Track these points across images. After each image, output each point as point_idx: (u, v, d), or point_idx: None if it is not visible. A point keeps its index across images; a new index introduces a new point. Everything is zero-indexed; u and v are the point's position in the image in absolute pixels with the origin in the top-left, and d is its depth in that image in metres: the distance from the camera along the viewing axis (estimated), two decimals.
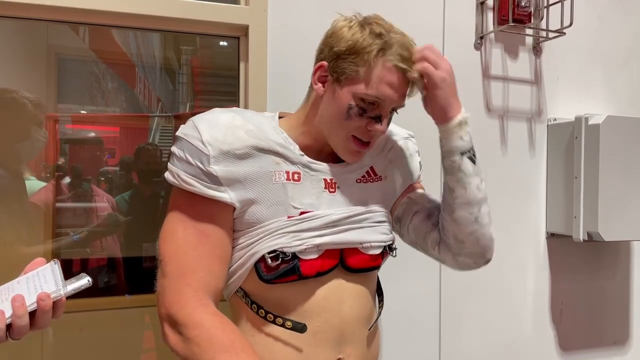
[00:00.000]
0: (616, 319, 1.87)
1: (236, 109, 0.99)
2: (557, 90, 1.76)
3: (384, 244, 1.00)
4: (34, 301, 0.71)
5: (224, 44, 1.95)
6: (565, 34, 1.64)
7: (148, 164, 1.89)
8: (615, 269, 1.86)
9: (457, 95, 0.95)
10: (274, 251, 0.90)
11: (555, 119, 1.74)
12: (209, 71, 2.42)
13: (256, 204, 0.90)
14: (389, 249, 1.02)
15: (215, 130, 0.88)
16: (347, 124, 0.91)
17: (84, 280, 0.76)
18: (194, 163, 0.87)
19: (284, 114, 1.03)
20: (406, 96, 0.95)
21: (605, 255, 1.84)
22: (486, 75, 1.67)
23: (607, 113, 1.68)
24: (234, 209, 0.90)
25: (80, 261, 1.72)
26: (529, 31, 1.69)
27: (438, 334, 1.60)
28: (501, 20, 1.63)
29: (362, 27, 0.90)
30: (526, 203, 1.73)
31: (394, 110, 0.96)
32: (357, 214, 0.97)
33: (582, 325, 1.81)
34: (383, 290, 1.10)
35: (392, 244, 1.03)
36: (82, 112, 1.90)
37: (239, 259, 0.92)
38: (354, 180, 1.00)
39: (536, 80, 1.74)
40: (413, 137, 1.12)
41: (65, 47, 1.78)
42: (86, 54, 1.84)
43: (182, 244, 0.88)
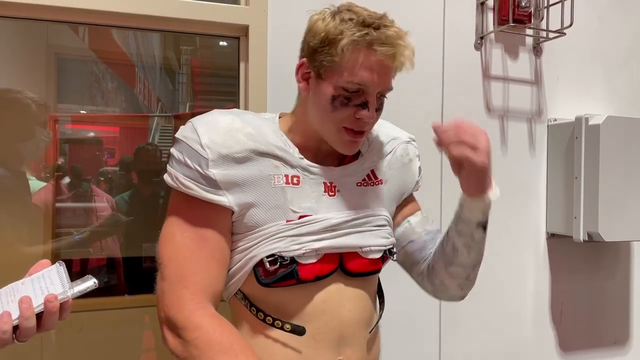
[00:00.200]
0: (616, 319, 1.87)
1: (236, 110, 0.98)
2: (557, 90, 1.76)
3: (384, 248, 0.99)
4: (41, 303, 0.71)
5: (224, 44, 1.95)
6: (565, 34, 1.63)
7: (148, 164, 1.89)
8: (615, 270, 1.86)
9: (491, 170, 0.93)
10: (272, 255, 0.89)
11: (556, 119, 1.73)
12: (209, 71, 2.42)
13: (255, 208, 0.90)
14: (389, 253, 1.01)
15: (214, 133, 0.88)
16: (335, 115, 0.89)
17: (90, 282, 0.75)
18: (192, 166, 0.87)
19: (285, 115, 1.03)
20: (391, 77, 0.91)
21: (606, 255, 1.84)
22: (486, 75, 1.67)
23: (608, 113, 1.68)
24: (233, 212, 0.89)
25: (80, 261, 1.72)
26: (529, 31, 1.69)
27: (438, 335, 1.60)
28: (501, 20, 1.63)
29: (333, 17, 0.88)
30: (526, 203, 1.73)
31: (383, 95, 0.93)
32: (357, 217, 0.96)
33: (582, 325, 1.81)
34: (384, 291, 1.09)
35: (393, 247, 1.02)
36: (81, 112, 1.90)
37: (237, 262, 0.92)
38: (354, 183, 0.99)
39: (536, 81, 1.74)
40: (414, 141, 1.11)
41: (65, 47, 1.78)
42: (86, 54, 1.84)
43: (180, 248, 0.87)
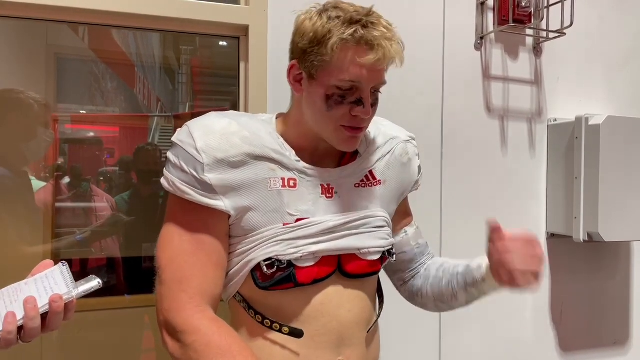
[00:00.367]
0: (616, 319, 1.86)
1: (232, 113, 0.98)
2: (557, 90, 1.76)
3: (382, 249, 0.98)
4: (46, 303, 0.70)
5: (224, 44, 1.94)
6: (565, 34, 1.63)
7: (147, 164, 1.89)
8: (616, 270, 1.86)
9: None
10: (269, 259, 0.89)
11: (556, 119, 1.73)
12: (209, 71, 2.42)
13: (252, 212, 0.89)
14: (388, 254, 1.01)
15: (210, 137, 0.87)
16: (331, 115, 0.89)
17: (95, 282, 0.75)
18: (188, 171, 0.87)
19: (281, 115, 1.02)
20: (383, 72, 0.90)
21: (606, 255, 1.84)
22: (486, 75, 1.67)
23: (608, 113, 1.68)
24: (230, 216, 0.89)
25: (79, 261, 1.72)
26: (529, 31, 1.69)
27: (438, 334, 1.60)
28: (501, 20, 1.63)
29: (320, 16, 0.87)
30: (526, 203, 1.73)
31: (377, 90, 0.92)
32: (355, 219, 0.95)
33: (582, 325, 1.81)
34: (383, 290, 1.09)
35: (392, 248, 1.02)
36: (81, 112, 1.90)
37: (236, 264, 0.92)
38: (352, 184, 0.98)
39: (536, 81, 1.74)
40: (414, 140, 1.10)
41: (65, 47, 1.78)
42: (86, 53, 1.84)
43: (178, 252, 0.87)
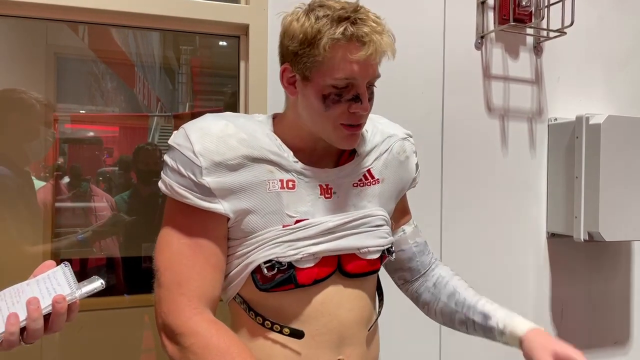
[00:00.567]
0: (617, 319, 1.86)
1: (229, 114, 0.97)
2: (557, 90, 1.76)
3: (382, 248, 0.98)
4: (49, 304, 0.70)
5: (224, 44, 1.94)
6: (566, 33, 1.63)
7: (147, 164, 1.88)
8: (616, 269, 1.86)
9: None
10: (269, 261, 0.89)
11: (556, 119, 1.73)
12: (209, 71, 2.42)
13: (251, 214, 0.89)
14: (388, 252, 1.01)
15: (207, 140, 0.87)
16: (329, 114, 0.88)
17: (98, 283, 0.74)
18: (186, 175, 0.86)
19: (278, 115, 1.01)
20: (377, 66, 0.90)
21: (606, 255, 1.84)
22: (487, 75, 1.66)
23: (608, 113, 1.68)
24: (228, 219, 0.89)
25: (79, 261, 1.71)
26: (529, 31, 1.69)
27: (438, 334, 1.60)
28: (502, 19, 1.62)
29: (307, 16, 0.86)
30: (527, 203, 1.72)
31: (372, 85, 0.92)
32: (354, 219, 0.95)
33: (582, 325, 1.80)
34: (383, 289, 1.09)
35: (391, 246, 1.02)
36: (81, 111, 1.90)
37: (235, 267, 0.92)
38: (350, 184, 0.98)
39: (537, 80, 1.74)
40: (411, 137, 1.10)
41: (65, 47, 1.78)
42: (85, 53, 1.84)
43: (176, 255, 0.87)
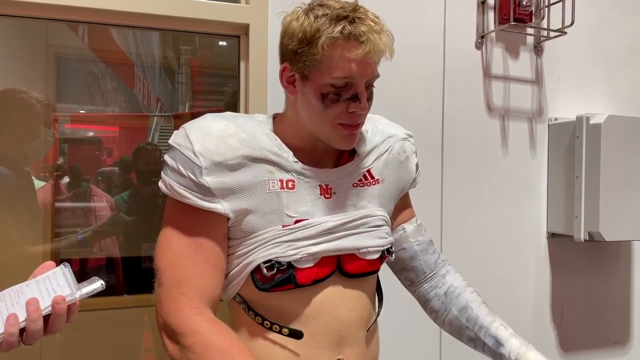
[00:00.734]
0: (617, 319, 1.86)
1: (229, 114, 0.97)
2: (558, 89, 1.76)
3: (382, 249, 0.98)
4: (49, 305, 0.69)
5: (223, 43, 1.94)
6: (566, 33, 1.63)
7: (147, 164, 1.88)
8: (616, 269, 1.86)
9: None
10: (269, 261, 0.89)
11: (556, 119, 1.73)
12: (209, 71, 2.42)
13: (251, 214, 0.89)
14: (388, 252, 1.01)
15: (207, 140, 0.87)
16: (328, 113, 0.88)
17: (98, 284, 0.74)
18: (186, 174, 0.86)
19: (278, 115, 1.01)
20: (376, 65, 0.89)
21: (606, 255, 1.84)
22: (487, 74, 1.66)
23: (608, 113, 1.67)
24: (228, 218, 0.89)
25: (79, 261, 1.71)
26: (530, 30, 1.69)
27: (439, 334, 1.60)
28: (502, 19, 1.62)
29: (307, 15, 0.87)
30: (527, 203, 1.72)
31: (371, 85, 0.92)
32: (354, 219, 0.95)
33: (583, 325, 1.80)
34: (383, 289, 1.09)
35: (391, 247, 1.02)
36: (81, 111, 1.90)
37: (235, 266, 0.92)
38: (350, 184, 0.98)
39: (537, 80, 1.73)
40: (411, 137, 1.10)
41: (64, 47, 1.77)
42: (85, 53, 1.83)
43: (177, 254, 0.87)
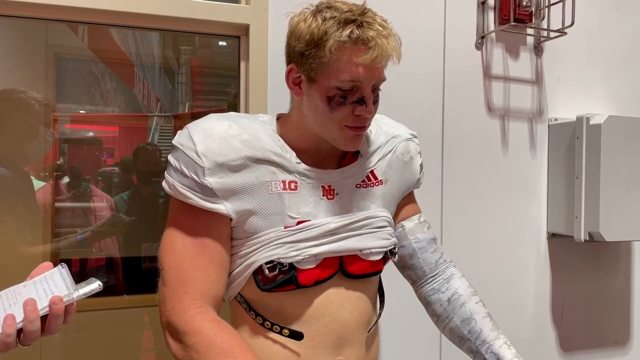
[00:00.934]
0: (617, 319, 1.86)
1: (232, 114, 0.97)
2: (558, 90, 1.76)
3: (384, 250, 0.98)
4: (46, 305, 0.69)
5: (223, 44, 1.94)
6: (566, 33, 1.63)
7: (147, 164, 1.88)
8: (616, 269, 1.86)
9: None
10: (271, 261, 0.89)
11: (557, 119, 1.73)
12: (208, 71, 2.42)
13: (253, 215, 0.90)
14: (391, 254, 1.00)
15: (210, 140, 0.87)
16: (334, 116, 0.88)
17: (95, 285, 0.74)
18: (189, 175, 0.87)
19: (282, 115, 1.01)
20: (383, 69, 0.88)
21: (606, 255, 1.84)
22: (487, 75, 1.66)
23: (609, 113, 1.68)
24: (231, 219, 0.90)
25: (79, 261, 1.71)
26: (530, 31, 1.68)
27: (439, 334, 1.60)
28: (502, 19, 1.62)
29: (314, 17, 0.86)
30: (527, 203, 1.72)
31: (377, 88, 0.92)
32: (356, 220, 0.95)
33: (583, 325, 1.80)
34: (384, 290, 1.09)
35: (394, 248, 1.02)
36: (81, 111, 1.90)
37: (237, 266, 0.92)
38: (353, 185, 0.98)
39: (537, 80, 1.73)
40: (416, 137, 1.10)
41: (64, 47, 1.77)
42: (85, 53, 1.83)
43: (180, 254, 0.88)
